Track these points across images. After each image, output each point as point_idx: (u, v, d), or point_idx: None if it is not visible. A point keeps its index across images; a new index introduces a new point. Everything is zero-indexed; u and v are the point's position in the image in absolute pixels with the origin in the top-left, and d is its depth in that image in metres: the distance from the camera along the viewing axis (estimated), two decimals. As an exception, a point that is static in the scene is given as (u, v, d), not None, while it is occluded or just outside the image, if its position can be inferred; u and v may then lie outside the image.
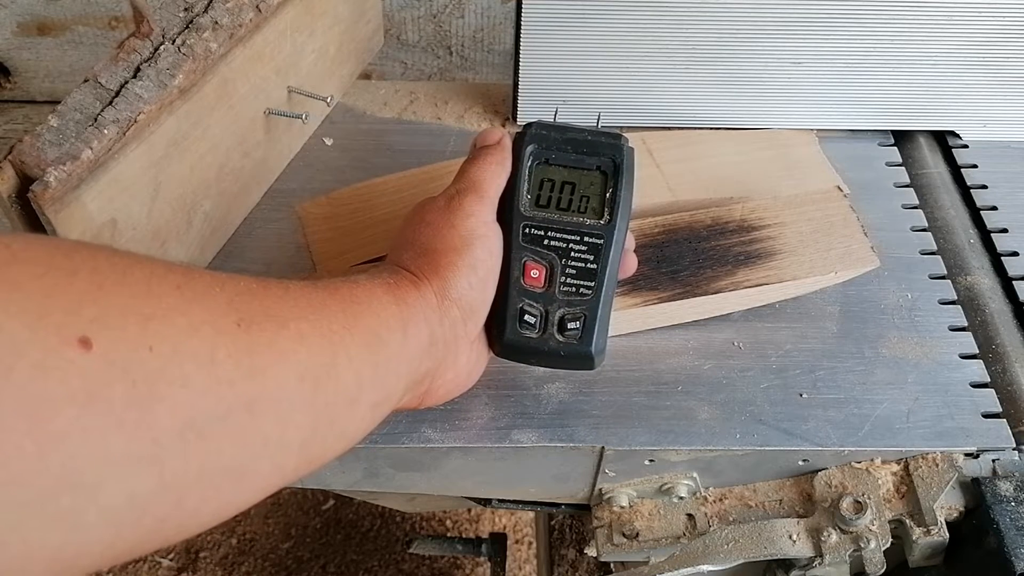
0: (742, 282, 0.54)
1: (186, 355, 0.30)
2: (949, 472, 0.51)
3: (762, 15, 0.59)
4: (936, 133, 0.69)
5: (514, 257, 0.47)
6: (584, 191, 0.48)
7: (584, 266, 0.47)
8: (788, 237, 0.56)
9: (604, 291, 0.47)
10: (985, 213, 0.64)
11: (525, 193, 0.48)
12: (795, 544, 0.50)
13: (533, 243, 0.47)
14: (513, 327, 0.47)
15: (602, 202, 0.48)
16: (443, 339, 0.44)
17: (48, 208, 0.42)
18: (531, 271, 0.47)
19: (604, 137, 0.49)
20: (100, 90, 0.46)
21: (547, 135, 0.49)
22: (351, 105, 0.67)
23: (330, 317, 0.38)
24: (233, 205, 0.58)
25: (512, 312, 0.47)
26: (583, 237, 0.47)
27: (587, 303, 0.47)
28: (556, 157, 0.49)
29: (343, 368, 0.37)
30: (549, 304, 0.47)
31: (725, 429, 0.51)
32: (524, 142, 0.48)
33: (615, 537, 0.53)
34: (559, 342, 0.47)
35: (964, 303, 0.58)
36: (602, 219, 0.48)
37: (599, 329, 0.47)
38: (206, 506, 0.31)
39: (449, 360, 0.45)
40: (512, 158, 0.48)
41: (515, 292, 0.47)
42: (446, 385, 0.46)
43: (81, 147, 0.43)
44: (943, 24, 0.60)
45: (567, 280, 0.47)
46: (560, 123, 0.49)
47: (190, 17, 0.49)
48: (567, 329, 0.47)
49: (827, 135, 0.66)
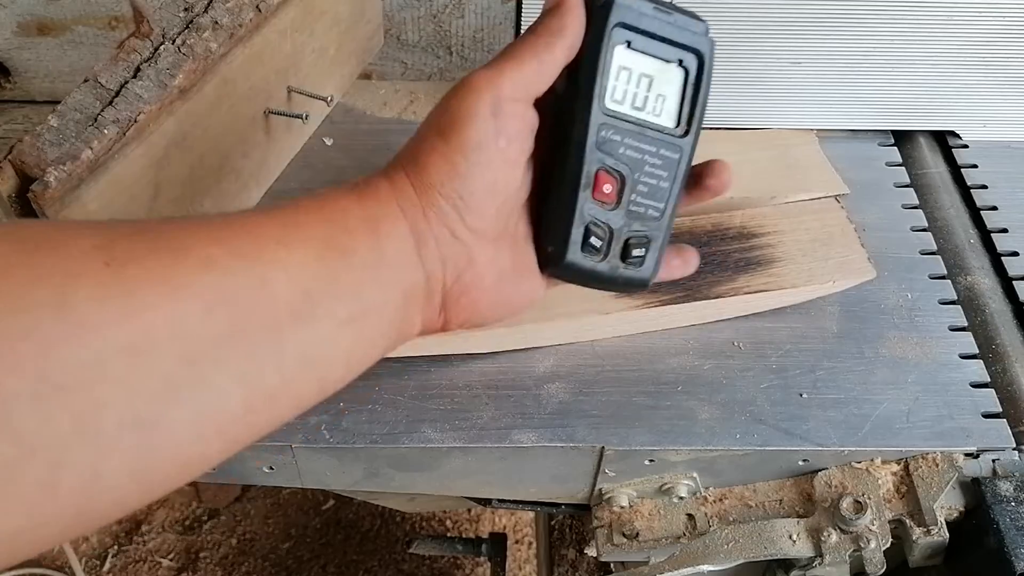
0: (741, 288, 0.54)
1: (29, 305, 0.27)
2: (949, 472, 0.50)
3: (762, 15, 0.59)
4: (936, 133, 0.69)
5: (587, 161, 0.40)
6: (661, 88, 0.41)
7: (656, 183, 0.41)
8: (787, 245, 0.56)
9: (670, 213, 0.42)
10: (985, 213, 0.64)
11: (605, 83, 0.40)
12: (795, 544, 0.50)
13: (609, 149, 0.40)
14: (576, 248, 0.40)
15: (680, 105, 0.41)
16: (434, 236, 0.38)
17: (48, 208, 0.42)
18: (604, 184, 0.40)
19: (689, 24, 0.41)
20: (100, 90, 0.46)
21: (633, 10, 0.40)
22: (351, 105, 0.67)
23: (259, 235, 0.34)
24: (233, 205, 0.58)
25: (578, 231, 0.40)
26: (659, 148, 0.41)
27: (653, 226, 0.42)
28: (638, 41, 0.40)
29: (279, 287, 0.33)
30: (616, 224, 0.41)
31: (725, 429, 0.51)
32: (609, 14, 0.39)
33: (615, 537, 0.53)
34: (619, 267, 0.42)
35: (964, 303, 0.58)
36: (678, 127, 0.41)
37: (660, 254, 0.43)
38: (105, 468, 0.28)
39: (461, 262, 0.39)
40: (589, 32, 0.40)
41: (584, 207, 0.40)
42: (471, 295, 0.40)
43: (81, 147, 0.43)
44: (943, 24, 0.60)
45: (638, 199, 0.41)
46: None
47: (190, 17, 0.49)
48: (630, 256, 0.42)
49: (827, 135, 0.66)
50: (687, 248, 0.47)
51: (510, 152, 0.39)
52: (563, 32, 0.39)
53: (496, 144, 0.38)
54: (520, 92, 0.39)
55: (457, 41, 0.67)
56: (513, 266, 0.41)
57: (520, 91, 0.39)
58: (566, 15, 0.39)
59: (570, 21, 0.39)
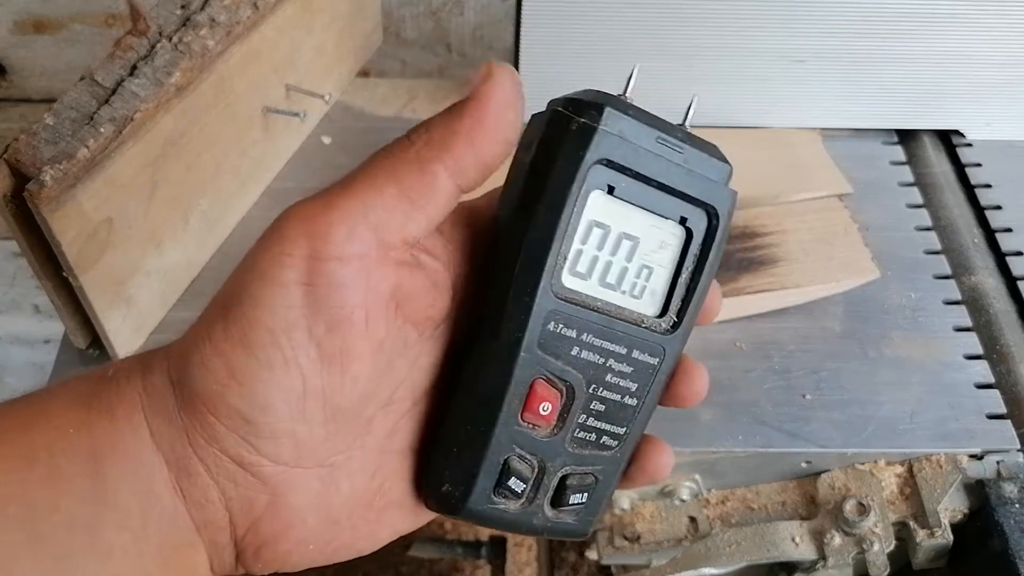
0: (744, 288, 0.54)
1: None
2: (953, 474, 0.50)
3: (765, 13, 0.59)
4: (940, 132, 0.68)
5: (520, 368, 0.27)
6: (648, 256, 0.28)
7: (620, 400, 0.29)
8: (790, 245, 0.56)
9: (631, 443, 0.31)
10: (990, 212, 0.63)
11: (566, 249, 0.27)
12: (798, 546, 0.50)
13: (555, 351, 0.27)
14: (484, 493, 0.28)
15: (672, 285, 0.29)
16: (209, 468, 0.25)
17: (44, 207, 0.42)
18: (541, 402, 0.27)
19: (703, 162, 0.28)
20: (96, 88, 0.45)
21: (627, 143, 0.27)
22: (349, 103, 0.67)
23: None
24: (230, 204, 0.57)
25: (491, 468, 0.28)
26: (632, 349, 0.29)
27: (606, 461, 0.30)
28: (627, 187, 0.27)
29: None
30: (550, 457, 0.29)
31: (727, 430, 0.50)
32: (589, 145, 0.26)
33: (616, 540, 0.53)
34: (547, 518, 0.29)
35: (968, 303, 0.58)
36: (664, 317, 0.29)
37: (606, 499, 0.31)
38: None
39: (255, 504, 0.26)
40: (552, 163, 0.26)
41: (504, 434, 0.27)
42: (279, 550, 0.27)
43: (77, 146, 0.43)
44: (947, 22, 0.60)
45: (589, 421, 0.29)
46: (642, 113, 0.28)
47: (187, 15, 0.49)
48: (567, 502, 0.29)
49: (831, 134, 0.66)
50: (658, 448, 0.32)
51: (333, 343, 0.25)
52: (448, 146, 0.25)
53: (310, 333, 0.24)
54: (363, 239, 0.24)
55: (456, 38, 0.67)
56: (366, 495, 0.28)
57: (364, 237, 0.24)
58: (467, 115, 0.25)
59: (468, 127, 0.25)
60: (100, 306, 0.48)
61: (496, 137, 0.25)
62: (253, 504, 0.26)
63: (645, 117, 0.27)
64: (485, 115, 0.25)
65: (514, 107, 0.25)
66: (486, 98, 0.25)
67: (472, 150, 0.25)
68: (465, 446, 0.28)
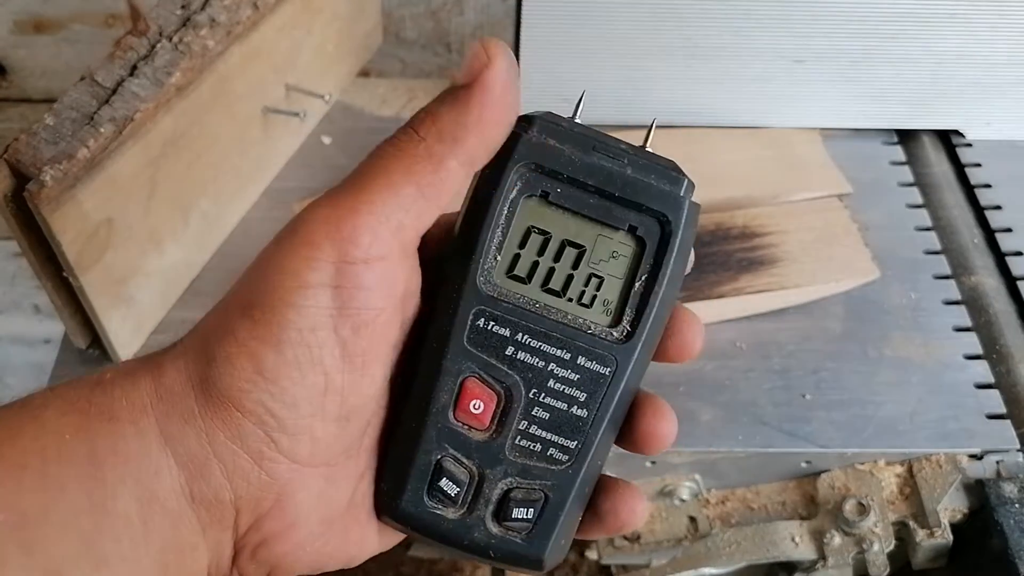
0: (744, 288, 0.54)
1: None
2: (953, 474, 0.50)
3: (764, 13, 0.59)
4: (940, 132, 0.68)
5: (446, 367, 0.28)
6: (597, 265, 0.29)
7: (566, 409, 0.28)
8: (790, 245, 0.56)
9: (589, 461, 0.29)
10: (989, 212, 0.63)
11: (492, 248, 0.28)
12: (798, 546, 0.50)
13: (487, 348, 0.28)
14: (417, 491, 0.28)
15: (625, 294, 0.29)
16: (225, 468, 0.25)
17: (44, 207, 0.42)
18: (472, 401, 0.28)
19: (653, 172, 0.28)
20: (96, 88, 0.45)
21: (557, 148, 0.28)
22: (349, 103, 0.67)
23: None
24: (230, 204, 0.57)
25: (421, 465, 0.28)
26: (577, 356, 0.28)
27: (557, 476, 0.28)
28: (563, 193, 0.28)
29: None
30: (489, 464, 0.28)
31: (727, 431, 0.50)
32: (513, 152, 0.27)
33: (616, 540, 0.53)
34: (491, 534, 0.28)
35: (968, 303, 0.58)
36: (617, 327, 0.28)
37: (564, 522, 0.29)
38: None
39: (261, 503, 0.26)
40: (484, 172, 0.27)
41: (435, 431, 0.28)
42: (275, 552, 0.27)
43: (77, 146, 0.43)
44: (947, 22, 0.60)
45: (531, 429, 0.28)
46: (582, 127, 0.28)
47: (187, 15, 0.49)
48: (511, 516, 0.28)
49: (830, 134, 0.66)
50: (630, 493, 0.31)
51: (358, 343, 0.26)
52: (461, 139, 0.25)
53: (336, 333, 0.25)
54: (386, 242, 0.25)
55: (456, 38, 0.67)
56: (358, 498, 0.29)
57: (386, 240, 0.25)
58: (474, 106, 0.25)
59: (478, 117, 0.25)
60: (100, 306, 0.48)
61: (502, 121, 0.26)
62: (260, 502, 0.26)
63: (584, 131, 0.28)
64: (491, 103, 0.25)
65: (515, 87, 0.26)
66: (491, 85, 0.25)
67: (482, 140, 0.26)
68: (399, 443, 0.28)
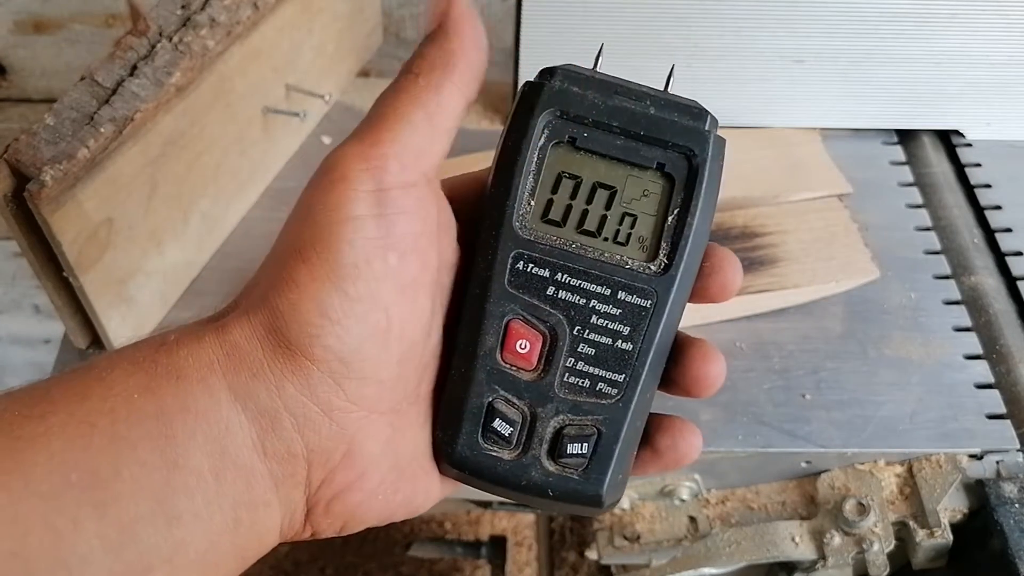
0: (744, 288, 0.53)
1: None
2: (953, 474, 0.50)
3: (765, 13, 0.59)
4: (940, 132, 0.68)
5: (490, 310, 0.29)
6: (630, 204, 0.29)
7: (611, 344, 0.29)
8: (790, 245, 0.56)
9: (639, 393, 0.29)
10: (989, 212, 0.63)
11: (526, 196, 0.29)
12: (798, 546, 0.50)
13: (529, 290, 0.29)
14: (471, 434, 0.29)
15: (659, 229, 0.29)
16: (297, 421, 0.26)
17: (44, 207, 0.42)
18: (518, 341, 0.29)
19: (676, 112, 0.29)
20: (96, 88, 0.45)
21: (580, 95, 0.29)
22: (349, 103, 0.67)
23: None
24: (230, 204, 0.57)
25: (473, 408, 0.29)
26: (616, 291, 0.29)
27: (608, 411, 0.29)
28: (590, 137, 0.29)
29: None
30: (541, 403, 0.29)
31: (727, 430, 0.50)
32: (537, 101, 0.29)
33: (616, 540, 0.53)
34: (548, 472, 0.29)
35: (968, 303, 0.58)
36: (654, 261, 0.29)
37: (619, 456, 0.29)
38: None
39: (333, 454, 0.27)
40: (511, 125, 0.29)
41: (484, 373, 0.29)
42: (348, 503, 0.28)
43: (77, 146, 0.43)
44: (947, 22, 0.60)
45: (578, 365, 0.29)
46: (602, 75, 0.30)
47: (187, 15, 0.49)
48: (566, 453, 0.29)
49: (830, 134, 0.66)
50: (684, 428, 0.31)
51: (406, 271, 0.26)
52: (452, 61, 0.27)
53: (384, 263, 0.26)
54: (412, 169, 0.27)
55: (457, 39, 0.67)
56: (417, 447, 0.29)
57: (412, 168, 0.27)
58: (453, 35, 0.27)
59: (458, 44, 0.27)
60: (100, 306, 0.48)
61: (478, 45, 0.28)
62: (331, 454, 0.26)
63: (605, 77, 0.29)
64: (464, 31, 0.27)
65: (477, 18, 0.28)
66: (458, 18, 0.27)
67: (467, 63, 0.28)
68: (452, 389, 0.29)
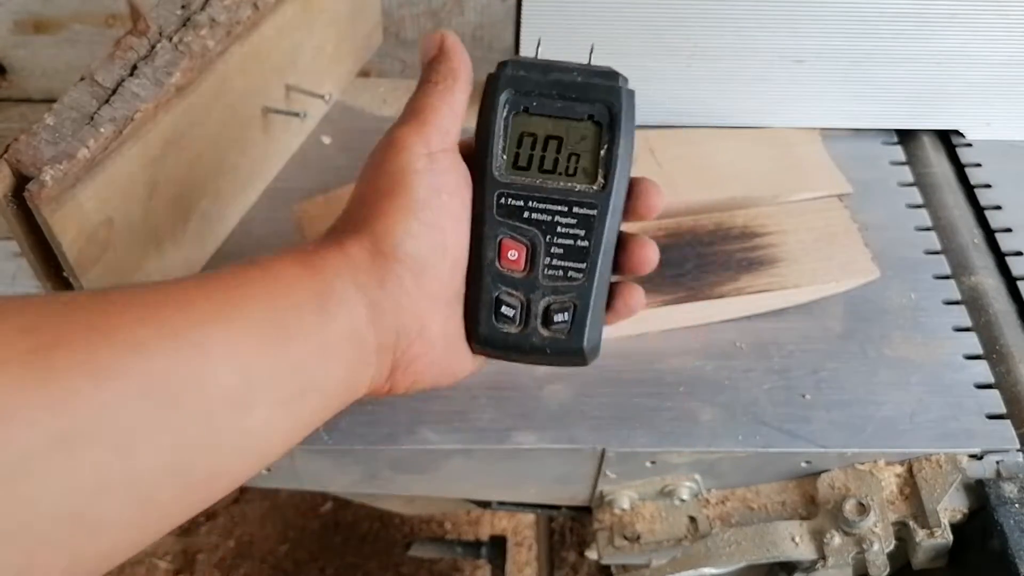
0: (744, 288, 0.54)
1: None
2: (953, 474, 0.50)
3: (765, 12, 0.59)
4: (940, 132, 0.68)
5: (487, 234, 0.40)
6: (573, 147, 0.41)
7: (573, 244, 0.40)
8: (790, 245, 0.56)
9: (598, 274, 0.40)
10: (989, 212, 0.63)
11: (500, 153, 0.41)
12: (798, 546, 0.50)
13: (511, 216, 0.40)
14: (488, 319, 0.40)
15: (595, 161, 0.41)
16: (391, 306, 0.37)
17: (44, 207, 0.42)
18: (508, 252, 0.40)
19: (596, 77, 0.41)
20: (96, 88, 0.45)
21: (526, 76, 0.41)
22: (350, 103, 0.67)
23: (191, 312, 0.32)
24: (231, 204, 0.57)
25: (487, 301, 0.40)
26: (572, 207, 0.40)
27: (577, 289, 0.40)
28: (538, 105, 0.41)
29: (217, 369, 0.31)
30: (531, 291, 0.41)
31: (727, 431, 0.50)
32: (497, 86, 0.41)
33: (616, 540, 0.53)
34: (544, 337, 0.41)
35: (968, 303, 0.58)
36: (595, 183, 0.40)
37: (592, 320, 0.41)
38: (43, 560, 0.27)
39: (412, 331, 0.38)
40: (483, 105, 0.41)
41: (490, 277, 0.40)
42: (420, 363, 0.39)
43: (77, 146, 0.43)
44: (947, 22, 0.60)
45: (553, 262, 0.40)
46: (542, 60, 0.41)
47: (187, 15, 0.49)
48: (553, 322, 0.40)
49: (830, 134, 0.66)
50: (631, 288, 0.43)
51: (452, 206, 0.39)
52: (454, 75, 0.41)
53: (439, 199, 0.39)
54: (446, 141, 0.40)
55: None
56: (459, 332, 0.41)
57: (446, 140, 0.40)
58: (451, 58, 0.41)
59: (458, 65, 0.41)
60: (100, 306, 0.48)
61: (467, 62, 0.42)
62: (410, 331, 0.38)
63: (543, 61, 0.41)
64: (457, 52, 0.41)
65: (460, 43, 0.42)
66: (451, 44, 0.41)
67: (464, 73, 0.41)
68: (473, 292, 0.41)
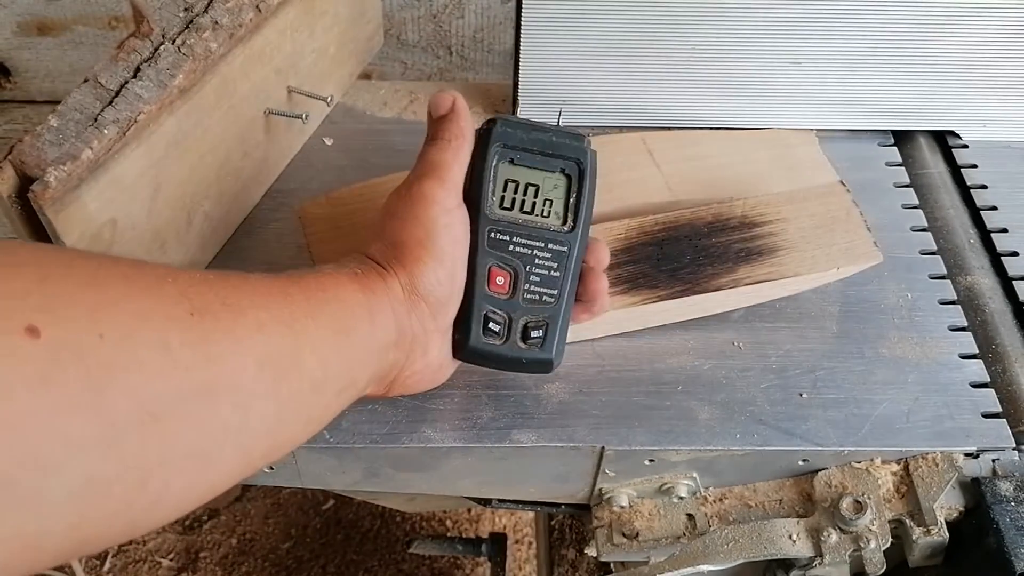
0: (743, 279, 0.53)
1: (138, 341, 0.31)
2: (949, 472, 0.50)
3: (762, 15, 0.59)
4: (936, 133, 0.69)
5: (479, 262, 0.46)
6: (548, 194, 0.48)
7: (548, 274, 0.47)
8: (790, 233, 0.56)
9: (566, 299, 0.48)
10: (985, 213, 0.63)
11: (490, 194, 0.47)
12: (795, 544, 0.50)
13: (498, 248, 0.47)
14: (477, 334, 0.46)
15: (566, 207, 0.48)
16: (412, 333, 0.44)
17: (48, 208, 0.42)
18: (496, 277, 0.47)
19: (567, 138, 0.48)
20: (100, 90, 0.46)
21: (512, 133, 0.47)
22: (351, 105, 0.67)
23: (292, 306, 0.38)
24: (233, 205, 0.58)
25: (477, 318, 0.46)
26: (547, 243, 0.47)
27: (550, 311, 0.47)
28: (521, 157, 0.47)
29: (307, 356, 0.37)
30: (513, 311, 0.47)
31: (725, 429, 0.51)
32: (490, 139, 0.47)
33: (615, 537, 0.53)
34: (521, 349, 0.47)
35: (964, 303, 0.58)
36: (565, 225, 0.48)
37: (560, 336, 0.48)
38: (171, 490, 0.32)
39: (417, 353, 0.45)
40: (476, 154, 0.47)
41: (480, 298, 0.46)
42: (414, 376, 0.46)
43: (81, 147, 0.43)
44: (943, 23, 0.60)
45: (531, 288, 0.47)
46: (524, 120, 0.48)
47: (190, 17, 0.49)
48: (530, 337, 0.47)
49: (827, 135, 0.66)
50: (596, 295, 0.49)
51: (462, 254, 0.46)
52: (463, 134, 0.46)
53: (457, 250, 0.45)
54: (459, 194, 0.46)
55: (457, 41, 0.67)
56: (449, 351, 0.47)
57: (459, 194, 0.46)
58: (461, 119, 0.46)
59: (465, 124, 0.46)
60: (104, 306, 0.48)
61: (470, 121, 0.47)
62: (418, 353, 0.45)
63: (526, 121, 0.48)
64: (464, 115, 0.46)
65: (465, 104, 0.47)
66: (459, 107, 0.46)
67: (469, 131, 0.46)
68: (465, 311, 0.47)
